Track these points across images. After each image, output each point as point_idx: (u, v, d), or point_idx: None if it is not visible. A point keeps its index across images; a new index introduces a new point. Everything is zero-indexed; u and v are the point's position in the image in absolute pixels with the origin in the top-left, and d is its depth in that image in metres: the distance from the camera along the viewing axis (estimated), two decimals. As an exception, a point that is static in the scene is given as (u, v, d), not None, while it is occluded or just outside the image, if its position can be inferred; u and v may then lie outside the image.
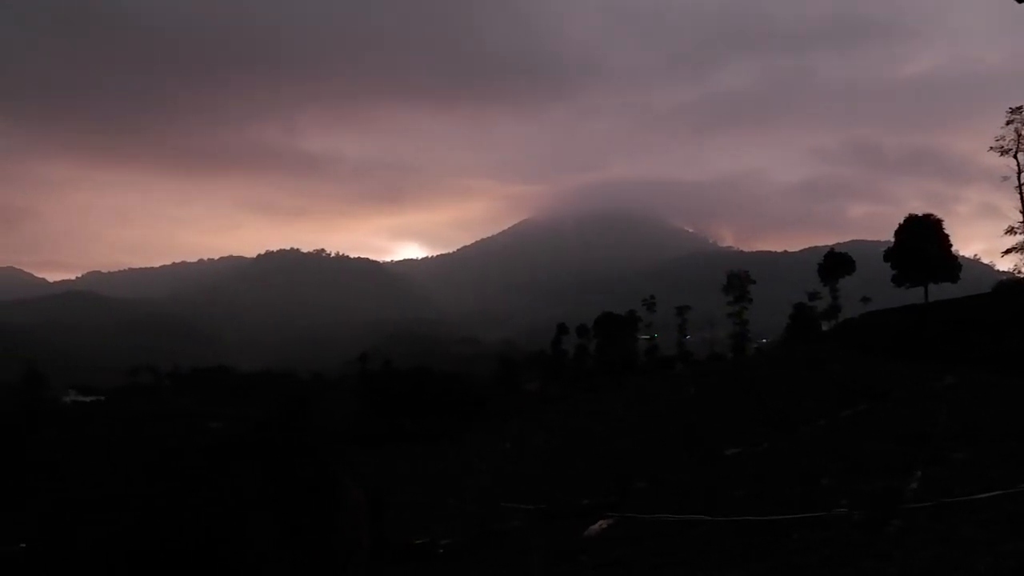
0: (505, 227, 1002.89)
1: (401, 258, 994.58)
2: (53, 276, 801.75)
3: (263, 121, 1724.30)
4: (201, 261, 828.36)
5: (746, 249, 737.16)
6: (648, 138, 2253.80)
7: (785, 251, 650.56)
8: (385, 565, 24.99)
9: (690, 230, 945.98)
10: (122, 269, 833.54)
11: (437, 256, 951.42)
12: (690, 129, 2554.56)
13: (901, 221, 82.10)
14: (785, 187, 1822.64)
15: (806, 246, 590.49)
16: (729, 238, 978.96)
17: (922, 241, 77.86)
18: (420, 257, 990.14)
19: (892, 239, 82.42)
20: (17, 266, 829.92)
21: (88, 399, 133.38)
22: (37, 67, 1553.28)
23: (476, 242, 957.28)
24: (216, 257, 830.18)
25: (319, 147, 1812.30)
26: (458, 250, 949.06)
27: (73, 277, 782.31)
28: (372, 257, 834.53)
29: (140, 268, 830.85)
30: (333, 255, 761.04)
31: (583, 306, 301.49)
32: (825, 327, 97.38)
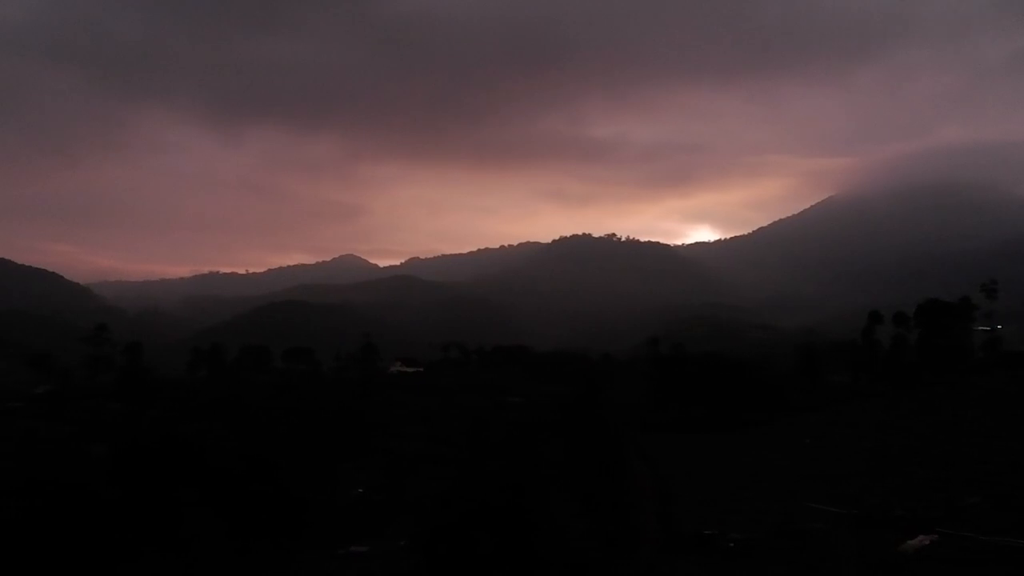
0: (806, 206, 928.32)
1: (692, 241, 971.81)
2: (383, 262, 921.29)
3: (552, 113, 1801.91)
4: (502, 247, 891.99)
5: None
6: (981, 96, 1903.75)
7: None
8: (673, 553, 24.70)
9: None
10: (436, 255, 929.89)
11: (731, 239, 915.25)
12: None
13: None
14: None
15: None
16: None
17: None
18: (712, 240, 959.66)
19: None
20: (355, 253, 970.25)
21: (410, 370, 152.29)
22: (364, 82, 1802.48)
23: (773, 223, 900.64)
24: (515, 243, 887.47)
25: (606, 133, 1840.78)
26: (754, 232, 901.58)
27: (398, 263, 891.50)
28: (663, 241, 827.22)
29: (450, 254, 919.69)
30: (624, 239, 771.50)
31: (901, 292, 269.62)
32: None
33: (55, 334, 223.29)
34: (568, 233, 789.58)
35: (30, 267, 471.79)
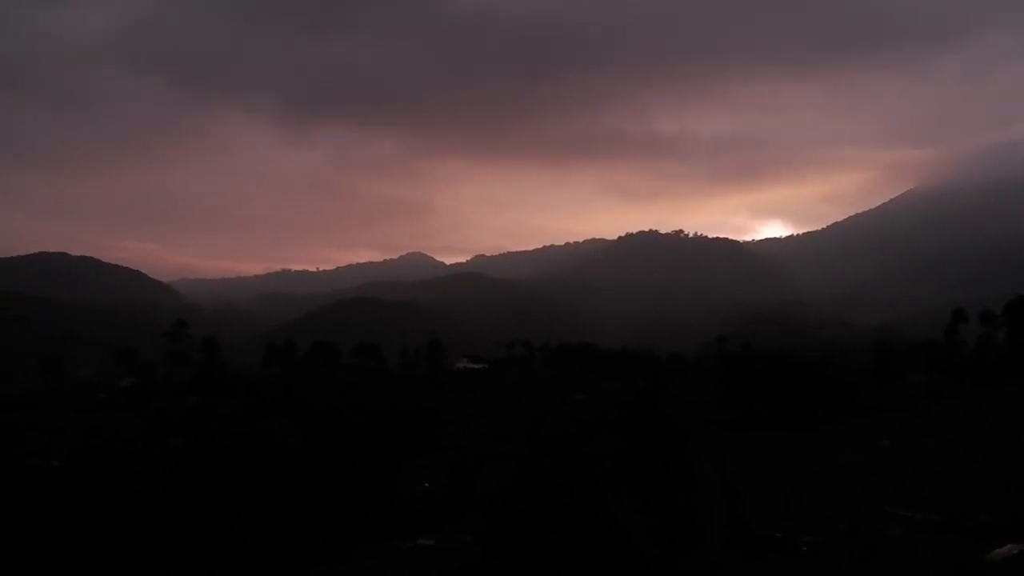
0: (885, 199, 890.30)
1: (763, 237, 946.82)
2: (449, 259, 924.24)
3: (618, 108, 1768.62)
4: (567, 244, 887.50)
5: None
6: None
7: None
8: (743, 554, 24.29)
9: None
10: (502, 253, 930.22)
11: (803, 234, 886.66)
12: None
13: None
14: None
15: None
16: None
17: None
18: (784, 235, 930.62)
19: None
20: (422, 251, 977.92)
21: (476, 367, 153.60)
22: (429, 80, 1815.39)
23: (849, 218, 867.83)
24: (580, 240, 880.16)
25: (672, 128, 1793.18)
26: (828, 227, 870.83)
27: (464, 260, 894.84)
28: (732, 237, 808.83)
29: (516, 251, 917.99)
30: (691, 235, 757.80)
31: (983, 290, 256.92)
32: None
33: (139, 329, 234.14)
34: (634, 229, 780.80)
35: (116, 265, 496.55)
